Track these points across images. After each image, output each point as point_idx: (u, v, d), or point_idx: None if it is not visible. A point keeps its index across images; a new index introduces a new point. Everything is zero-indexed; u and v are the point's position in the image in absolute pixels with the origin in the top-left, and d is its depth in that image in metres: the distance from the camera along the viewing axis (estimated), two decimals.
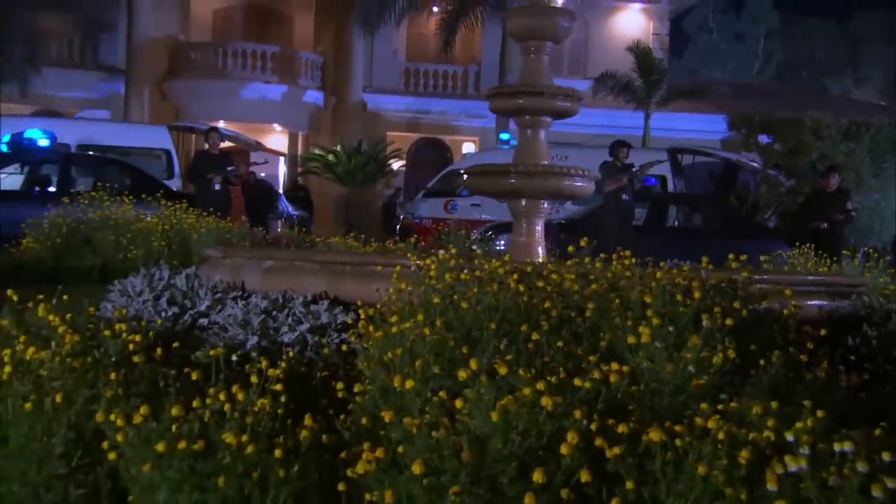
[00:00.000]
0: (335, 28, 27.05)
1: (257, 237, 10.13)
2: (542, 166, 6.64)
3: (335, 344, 4.71)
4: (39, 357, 2.94)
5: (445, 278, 3.80)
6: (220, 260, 5.98)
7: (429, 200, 17.84)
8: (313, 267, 5.36)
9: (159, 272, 6.24)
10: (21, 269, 8.75)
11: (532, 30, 6.77)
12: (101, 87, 25.15)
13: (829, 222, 12.51)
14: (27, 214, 11.37)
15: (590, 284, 3.68)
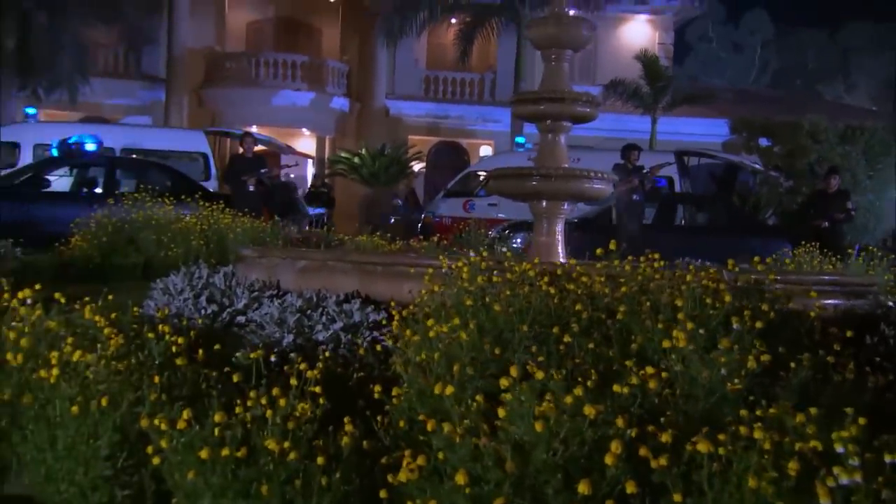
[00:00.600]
0: (360, 38, 26.94)
1: (290, 236, 10.00)
2: (562, 169, 6.45)
3: (367, 342, 4.55)
4: (86, 360, 2.78)
5: (477, 281, 3.63)
6: (257, 259, 5.83)
7: (448, 200, 17.65)
8: (345, 267, 5.20)
9: (198, 270, 6.11)
10: (70, 266, 8.65)
11: (554, 39, 6.58)
12: (143, 95, 25.12)
13: (829, 221, 12.30)
14: (75, 214, 11.30)
15: (619, 287, 3.49)
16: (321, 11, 28.06)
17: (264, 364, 3.19)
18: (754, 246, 13.26)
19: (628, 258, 3.87)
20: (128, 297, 6.77)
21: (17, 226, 11.20)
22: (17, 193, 11.61)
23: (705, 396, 2.80)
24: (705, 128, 24.32)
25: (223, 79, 25.82)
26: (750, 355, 2.96)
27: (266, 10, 28.15)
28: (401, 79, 27.08)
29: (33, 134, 16.91)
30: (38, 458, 2.72)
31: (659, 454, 2.15)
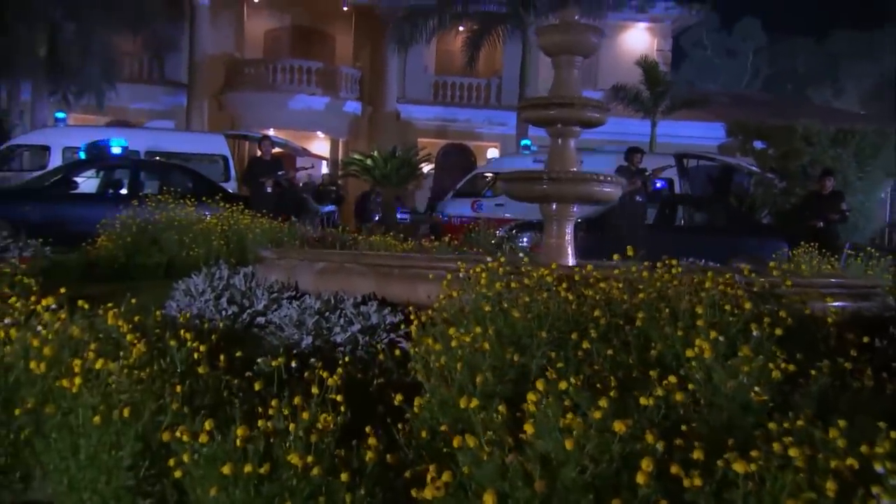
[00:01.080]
0: (372, 45, 26.82)
1: (306, 235, 9.84)
2: (572, 173, 6.29)
3: (385, 343, 4.40)
4: (108, 368, 2.63)
5: (496, 287, 3.46)
6: (276, 261, 5.69)
7: (457, 200, 17.50)
8: (362, 269, 5.04)
9: (219, 271, 5.97)
10: (96, 265, 8.50)
11: (564, 45, 6.40)
12: (166, 100, 25.03)
13: (824, 221, 12.13)
14: (102, 214, 11.17)
15: (637, 293, 3.33)
16: (335, 20, 27.91)
17: (285, 370, 3.03)
18: (752, 245, 13.10)
19: (645, 263, 3.70)
20: (151, 297, 6.63)
21: (47, 225, 11.09)
22: (47, 195, 11.49)
23: (729, 406, 2.64)
24: (702, 131, 24.09)
25: (242, 84, 25.71)
26: (771, 363, 2.80)
27: (283, 19, 28.00)
28: (411, 84, 26.93)
29: (62, 137, 16.80)
30: (60, 467, 2.58)
31: (690, 471, 1.99)
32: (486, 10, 22.94)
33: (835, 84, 49.31)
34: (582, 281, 3.50)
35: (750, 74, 52.67)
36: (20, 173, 15.97)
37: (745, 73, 52.58)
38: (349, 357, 4.24)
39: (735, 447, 2.31)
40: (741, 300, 3.19)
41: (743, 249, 12.85)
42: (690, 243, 12.72)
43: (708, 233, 13.06)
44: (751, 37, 52.01)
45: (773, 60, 52.91)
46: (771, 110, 26.13)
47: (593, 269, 3.68)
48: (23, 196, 11.36)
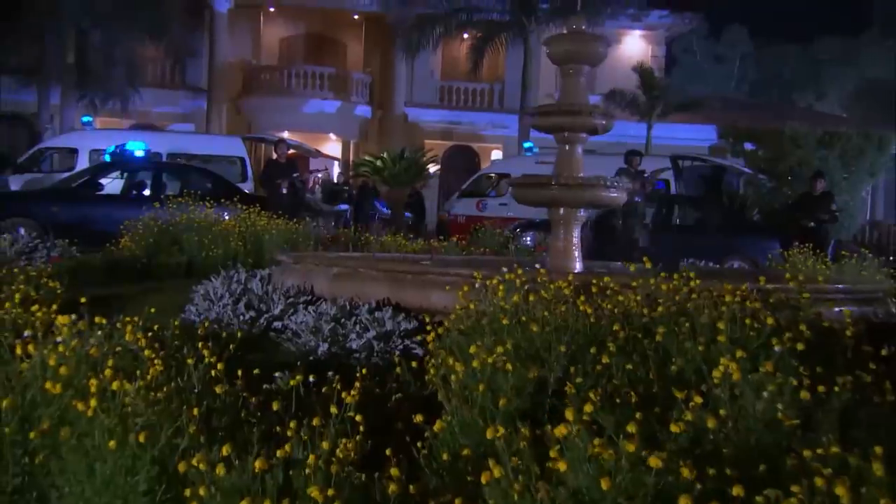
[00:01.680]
0: (381, 52, 26.54)
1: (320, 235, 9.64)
2: (580, 179, 6.06)
3: (400, 349, 4.20)
4: (125, 389, 2.42)
5: (513, 299, 3.25)
6: (292, 265, 5.48)
7: (463, 200, 17.28)
8: (376, 275, 4.83)
9: (237, 274, 5.77)
10: (119, 265, 8.29)
11: (573, 55, 6.18)
12: (186, 104, 24.81)
13: (815, 221, 11.91)
14: (126, 214, 10.98)
15: (656, 306, 3.11)
16: (346, 28, 27.66)
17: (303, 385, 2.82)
18: (746, 244, 12.87)
19: (662, 274, 3.47)
20: (171, 299, 6.43)
21: (75, 225, 10.92)
22: (74, 196, 11.31)
23: (757, 427, 2.42)
24: (695, 133, 23.83)
25: (258, 89, 25.50)
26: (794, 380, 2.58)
27: (297, 27, 27.74)
28: (418, 88, 26.66)
29: (89, 140, 16.60)
30: (76, 490, 2.37)
31: None
32: (489, 18, 22.66)
33: (817, 88, 49.03)
34: (600, 293, 3.28)
35: (737, 79, 52.35)
36: (50, 174, 15.81)
37: (732, 78, 52.25)
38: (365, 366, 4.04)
39: (767, 474, 2.11)
40: (761, 314, 2.98)
41: (737, 248, 12.64)
42: (687, 242, 12.50)
43: (703, 232, 12.81)
44: (738, 43, 51.73)
45: (759, 66, 52.63)
46: (759, 113, 25.85)
47: (610, 279, 3.45)
48: (51, 197, 11.18)
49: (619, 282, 4.03)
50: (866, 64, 43.76)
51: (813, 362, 2.94)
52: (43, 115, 20.87)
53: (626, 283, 4.21)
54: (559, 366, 2.99)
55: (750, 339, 2.89)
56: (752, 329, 2.90)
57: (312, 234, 9.21)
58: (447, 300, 4.57)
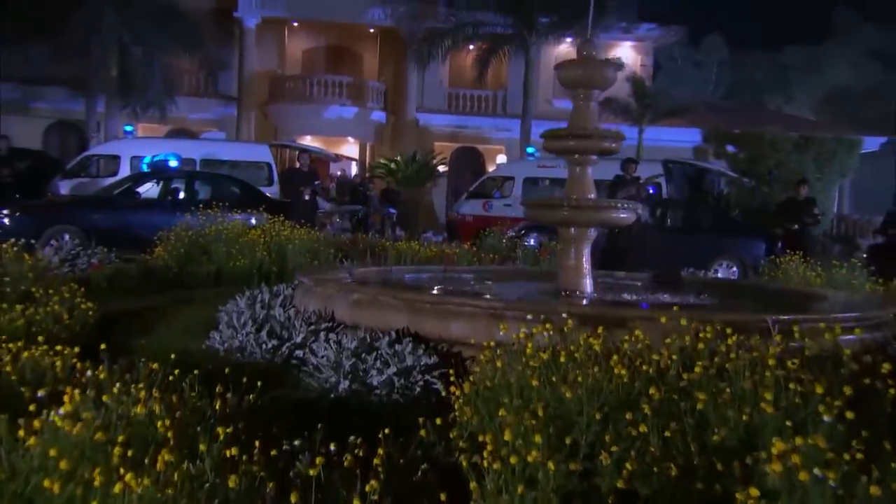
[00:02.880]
0: (395, 62, 26.00)
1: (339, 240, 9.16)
2: (592, 201, 5.57)
3: (420, 386, 3.74)
4: (132, 486, 1.96)
5: (541, 356, 2.78)
6: (313, 288, 4.99)
7: (470, 201, 16.75)
8: (395, 303, 4.35)
9: (261, 294, 5.32)
10: (153, 273, 7.83)
11: (583, 80, 5.66)
12: (218, 111, 24.31)
13: (799, 224, 11.39)
14: (162, 220, 10.54)
15: (693, 366, 2.64)
16: (363, 40, 27.05)
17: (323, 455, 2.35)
18: (733, 244, 12.37)
19: (693, 324, 2.98)
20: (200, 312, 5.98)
21: (115, 231, 10.49)
22: (114, 204, 10.85)
23: None
24: (681, 135, 23.22)
25: (283, 96, 24.95)
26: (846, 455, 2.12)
27: (318, 40, 27.13)
28: (428, 95, 26.07)
29: (130, 148, 16.15)
30: None
31: None
32: (493, 32, 22.12)
33: (786, 92, 48.39)
34: (632, 349, 2.80)
35: (714, 83, 51.62)
36: (95, 179, 15.36)
37: (711, 82, 51.53)
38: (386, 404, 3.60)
39: None
40: (803, 374, 2.50)
41: (725, 248, 12.13)
42: (678, 243, 12.02)
43: (693, 234, 12.28)
44: (715, 51, 51.06)
45: (734, 71, 51.97)
46: (739, 117, 25.23)
47: (639, 328, 2.97)
48: (92, 205, 10.73)
49: (640, 316, 3.56)
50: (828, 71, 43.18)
51: (858, 425, 2.47)
52: (90, 123, 20.42)
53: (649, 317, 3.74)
54: (592, 431, 2.53)
55: (795, 406, 2.41)
56: (796, 394, 2.42)
57: (332, 242, 8.71)
58: (466, 331, 4.11)
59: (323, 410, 3.56)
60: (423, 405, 3.69)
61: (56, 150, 23.24)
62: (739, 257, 11.95)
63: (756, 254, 11.94)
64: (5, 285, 5.61)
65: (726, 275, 11.95)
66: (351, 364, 3.75)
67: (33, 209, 10.40)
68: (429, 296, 4.26)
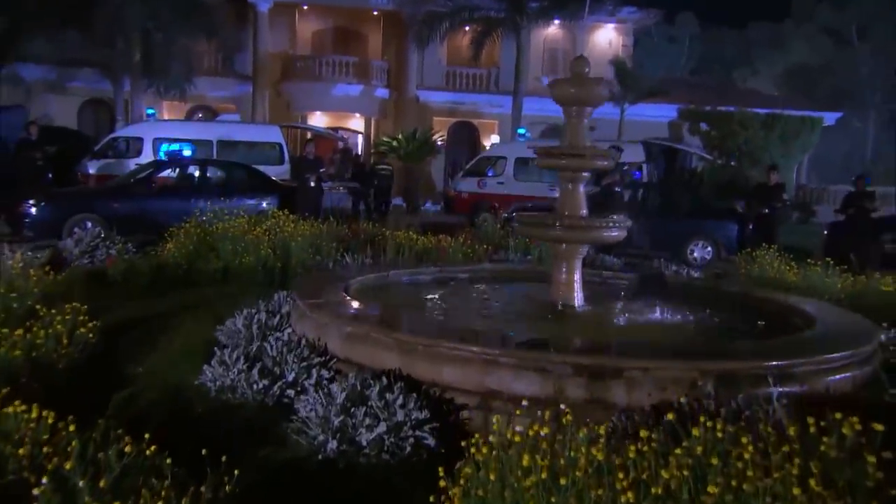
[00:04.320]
0: (397, 43, 24.86)
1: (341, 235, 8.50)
2: (583, 221, 4.96)
3: (410, 442, 3.20)
4: None
5: (542, 444, 2.22)
6: (307, 313, 4.41)
7: (466, 179, 16.03)
8: (388, 342, 3.78)
9: (258, 314, 4.76)
10: (164, 269, 7.23)
11: (576, 98, 5.00)
12: (235, 89, 23.28)
13: (769, 209, 10.77)
14: (178, 206, 9.97)
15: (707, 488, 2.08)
16: (368, 22, 25.85)
17: None
18: (708, 227, 11.73)
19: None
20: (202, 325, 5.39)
21: (134, 217, 9.87)
22: (132, 191, 10.19)
23: None
24: (659, 111, 22.34)
25: (295, 75, 23.91)
26: None
27: (327, 21, 25.91)
28: (427, 73, 25.02)
29: (152, 130, 15.34)
30: None
31: None
32: (487, 15, 21.08)
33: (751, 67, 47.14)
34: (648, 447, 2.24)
35: (686, 57, 50.22)
36: (120, 160, 14.63)
37: (683, 55, 50.11)
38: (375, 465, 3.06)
39: None
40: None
41: (700, 230, 11.53)
42: (658, 225, 11.39)
43: (671, 216, 11.63)
44: (687, 27, 49.57)
45: (704, 46, 50.55)
46: (713, 94, 24.28)
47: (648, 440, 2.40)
48: (112, 194, 10.06)
49: (636, 367, 3.00)
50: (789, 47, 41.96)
51: None
52: (118, 102, 19.55)
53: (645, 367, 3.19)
54: None
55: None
56: None
57: (334, 236, 8.06)
58: (458, 376, 3.56)
59: (310, 474, 3.04)
60: (414, 463, 3.17)
61: (90, 125, 22.50)
62: (714, 238, 11.36)
63: (729, 235, 11.35)
64: (12, 301, 5.03)
65: (702, 255, 11.38)
66: (340, 421, 3.21)
67: (57, 199, 9.74)
68: (421, 337, 3.68)
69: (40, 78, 20.84)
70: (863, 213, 11.75)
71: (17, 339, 4.24)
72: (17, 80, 19.62)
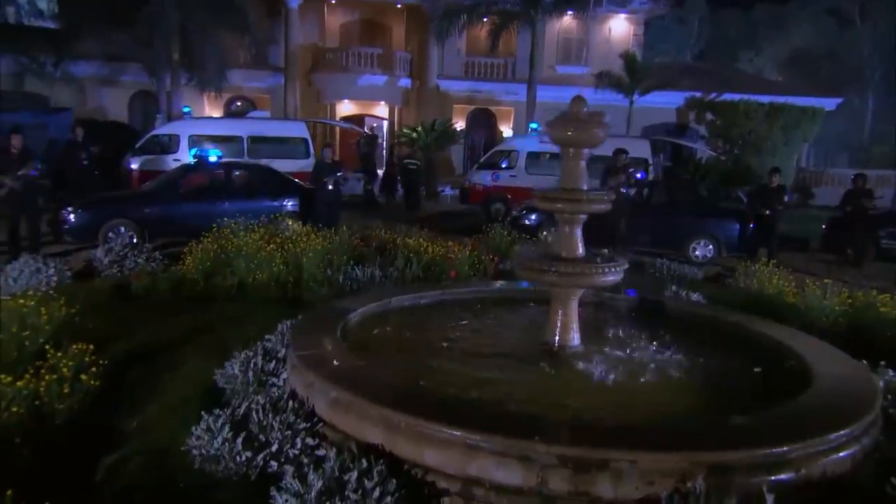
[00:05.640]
0: (419, 35, 23.99)
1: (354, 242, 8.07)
2: (579, 265, 4.43)
3: None
4: None
5: None
6: (297, 365, 4.00)
7: (480, 171, 15.40)
8: (372, 414, 3.35)
9: (255, 357, 4.39)
10: (183, 284, 6.90)
11: (573, 139, 4.43)
12: (269, 81, 22.74)
13: (770, 210, 10.05)
14: (204, 209, 9.62)
15: None
16: (391, 15, 24.94)
17: None
18: (711, 225, 11.02)
19: None
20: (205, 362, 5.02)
21: (164, 221, 9.55)
22: (161, 196, 9.83)
23: None
24: (666, 98, 21.22)
25: (324, 67, 23.24)
26: None
27: (353, 14, 25.06)
28: (448, 63, 24.17)
29: (188, 127, 14.94)
30: None
31: None
32: (504, 8, 20.10)
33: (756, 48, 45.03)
34: None
35: (695, 37, 48.14)
36: (160, 156, 14.31)
37: (692, 36, 48.05)
38: None
39: None
40: None
41: (702, 229, 10.86)
42: (661, 223, 10.78)
43: (675, 214, 10.97)
44: (696, 8, 47.40)
45: (712, 27, 48.38)
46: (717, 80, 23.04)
47: None
48: (142, 199, 9.72)
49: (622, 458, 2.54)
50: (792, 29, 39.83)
51: None
52: (161, 97, 19.16)
53: (632, 459, 2.73)
54: None
55: None
56: None
57: (345, 248, 7.63)
58: (440, 460, 3.12)
59: None
60: None
61: (139, 114, 22.22)
62: (715, 237, 10.69)
63: (730, 234, 10.68)
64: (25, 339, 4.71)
65: (703, 252, 10.73)
66: None
67: (93, 205, 9.44)
68: (403, 414, 3.25)
69: (93, 74, 20.65)
70: (861, 210, 11.03)
71: (22, 388, 3.93)
72: (71, 78, 19.43)
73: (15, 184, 8.25)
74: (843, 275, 10.27)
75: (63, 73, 18.92)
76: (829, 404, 3.62)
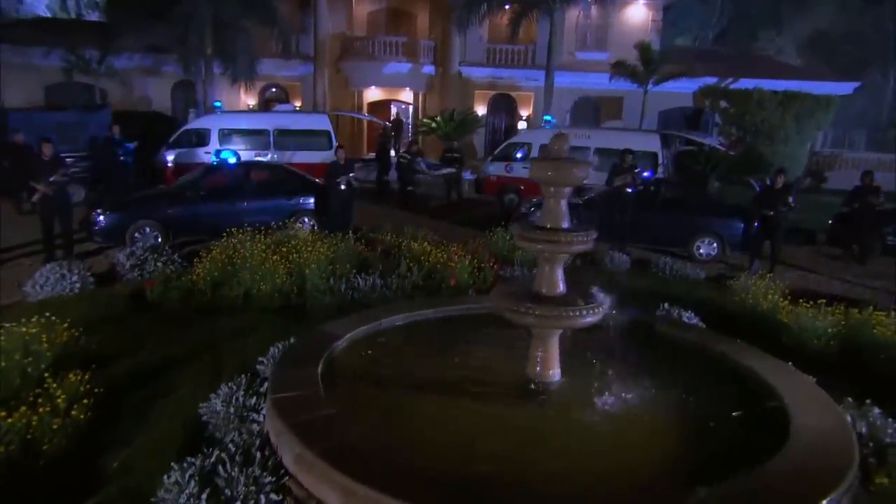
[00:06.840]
0: (442, 23, 23.07)
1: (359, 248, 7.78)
2: (557, 308, 4.04)
3: None
4: None
5: None
6: (270, 411, 3.74)
7: (494, 163, 14.86)
8: (330, 480, 3.08)
9: (237, 391, 4.18)
10: (193, 293, 6.72)
11: (554, 179, 4.00)
12: (299, 69, 22.21)
13: (774, 211, 9.38)
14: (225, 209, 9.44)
15: None
16: (416, 3, 24.05)
17: None
18: (716, 224, 10.36)
19: None
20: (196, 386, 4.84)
21: (187, 221, 9.38)
22: (184, 197, 9.65)
23: None
24: (682, 84, 20.10)
25: (352, 54, 22.62)
26: None
27: (380, 3, 24.25)
28: (470, 50, 23.25)
29: (218, 121, 14.71)
30: None
31: None
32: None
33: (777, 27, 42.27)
34: None
35: (718, 14, 45.48)
36: (192, 149, 14.17)
37: (714, 13, 45.40)
38: None
39: None
40: None
41: (707, 227, 10.24)
42: (666, 221, 10.21)
43: (679, 212, 10.36)
44: None
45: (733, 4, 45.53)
46: (734, 65, 21.70)
47: None
48: (166, 200, 9.56)
49: None
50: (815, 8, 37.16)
51: None
52: (197, 87, 18.93)
53: None
54: None
55: None
56: None
57: (350, 256, 7.35)
58: None
59: None
60: None
61: (181, 102, 22.09)
62: (719, 235, 10.08)
63: (734, 233, 10.04)
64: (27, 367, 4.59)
65: (707, 251, 10.14)
66: None
67: (119, 207, 9.32)
68: (360, 486, 2.97)
69: (137, 65, 20.51)
70: (867, 207, 10.28)
71: (15, 422, 3.80)
72: (114, 71, 19.37)
73: (48, 189, 8.20)
74: (847, 273, 9.61)
75: (107, 67, 18.83)
76: (802, 469, 3.21)
